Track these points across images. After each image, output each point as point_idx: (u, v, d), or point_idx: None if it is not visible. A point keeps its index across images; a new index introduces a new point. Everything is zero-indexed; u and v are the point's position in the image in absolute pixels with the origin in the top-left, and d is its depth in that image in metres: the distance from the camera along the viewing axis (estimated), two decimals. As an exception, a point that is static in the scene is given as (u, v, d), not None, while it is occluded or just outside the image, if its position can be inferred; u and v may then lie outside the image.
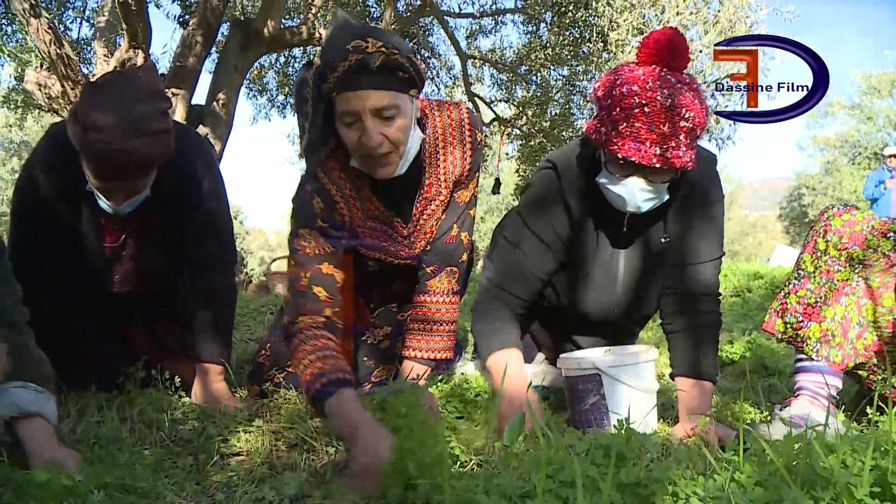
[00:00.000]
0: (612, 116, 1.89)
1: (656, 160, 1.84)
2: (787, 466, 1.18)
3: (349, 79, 1.76)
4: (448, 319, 2.25)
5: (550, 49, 10.19)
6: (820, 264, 2.05)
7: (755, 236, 50.55)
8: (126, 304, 2.35)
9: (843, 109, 31.31)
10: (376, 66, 1.75)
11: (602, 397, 2.00)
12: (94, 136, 1.81)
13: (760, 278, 7.50)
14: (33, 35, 6.93)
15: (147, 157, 1.92)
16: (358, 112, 1.79)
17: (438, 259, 2.22)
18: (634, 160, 1.85)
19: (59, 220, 2.13)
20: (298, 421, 1.84)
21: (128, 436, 1.75)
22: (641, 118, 1.83)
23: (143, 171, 1.98)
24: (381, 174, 1.93)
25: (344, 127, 1.84)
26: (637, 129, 1.84)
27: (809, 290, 2.05)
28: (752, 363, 3.11)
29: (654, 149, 1.83)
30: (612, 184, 1.97)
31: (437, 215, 2.17)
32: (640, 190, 1.94)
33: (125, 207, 2.06)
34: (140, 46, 7.00)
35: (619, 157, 1.87)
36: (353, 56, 1.74)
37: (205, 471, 1.58)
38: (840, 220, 2.03)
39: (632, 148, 1.84)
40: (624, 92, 1.86)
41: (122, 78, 1.97)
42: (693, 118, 1.83)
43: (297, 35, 8.98)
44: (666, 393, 2.44)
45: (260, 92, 12.74)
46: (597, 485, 1.16)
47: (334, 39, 1.82)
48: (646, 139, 1.83)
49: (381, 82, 1.79)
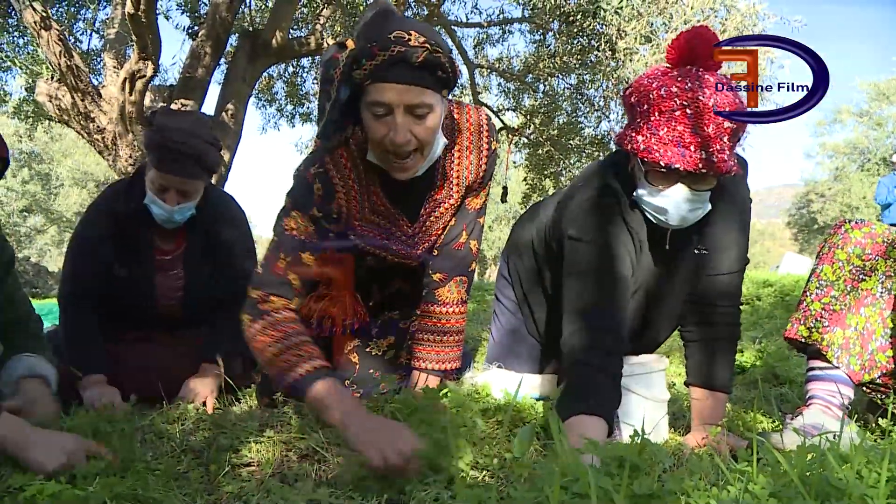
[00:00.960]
0: (650, 122, 1.78)
1: (702, 165, 1.72)
2: (801, 478, 1.17)
3: (388, 69, 1.71)
4: (457, 330, 2.24)
5: (558, 58, 10.17)
6: (843, 273, 2.04)
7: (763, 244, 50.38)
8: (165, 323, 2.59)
9: (851, 116, 31.22)
10: (418, 62, 1.71)
11: None
12: (167, 133, 2.30)
13: (770, 286, 7.47)
14: (44, 47, 6.98)
15: (203, 155, 2.35)
16: (391, 105, 1.75)
17: (448, 267, 2.20)
18: (679, 167, 1.73)
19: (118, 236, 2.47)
20: (309, 431, 1.84)
21: (139, 446, 1.75)
22: (683, 120, 1.72)
23: (197, 167, 2.36)
24: (399, 174, 1.89)
25: (372, 118, 1.79)
26: (680, 133, 1.73)
27: (834, 298, 2.04)
28: (763, 372, 3.09)
29: (699, 153, 1.72)
30: (652, 196, 1.85)
31: (446, 218, 2.15)
32: (684, 200, 1.82)
33: (176, 214, 2.40)
34: (150, 58, 7.03)
35: (661, 165, 1.75)
36: (395, 47, 1.69)
37: (216, 482, 1.58)
38: (860, 233, 2.03)
39: (675, 154, 1.73)
40: (663, 94, 1.74)
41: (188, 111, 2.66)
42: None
43: (305, 45, 9.01)
44: (677, 402, 2.43)
45: (269, 102, 12.78)
46: (610, 496, 1.15)
47: (375, 25, 1.77)
48: (689, 143, 1.72)
49: (420, 78, 1.74)
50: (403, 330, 2.39)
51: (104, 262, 2.46)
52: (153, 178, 2.39)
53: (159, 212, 2.41)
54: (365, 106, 1.79)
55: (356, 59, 1.74)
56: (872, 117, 30.36)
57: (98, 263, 2.46)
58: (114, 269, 2.47)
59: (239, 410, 2.20)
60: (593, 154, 11.40)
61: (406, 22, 1.79)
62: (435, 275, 2.22)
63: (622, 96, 1.92)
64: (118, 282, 2.48)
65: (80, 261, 2.49)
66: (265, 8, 10.34)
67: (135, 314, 2.54)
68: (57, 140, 27.01)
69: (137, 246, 2.50)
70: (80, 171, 28.49)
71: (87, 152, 26.38)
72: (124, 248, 2.47)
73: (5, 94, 9.60)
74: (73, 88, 7.38)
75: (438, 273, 2.22)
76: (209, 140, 2.39)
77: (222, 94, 8.58)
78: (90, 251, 2.48)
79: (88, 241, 2.50)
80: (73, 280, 2.50)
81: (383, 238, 2.11)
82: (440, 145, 1.93)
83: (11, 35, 8.33)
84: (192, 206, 2.45)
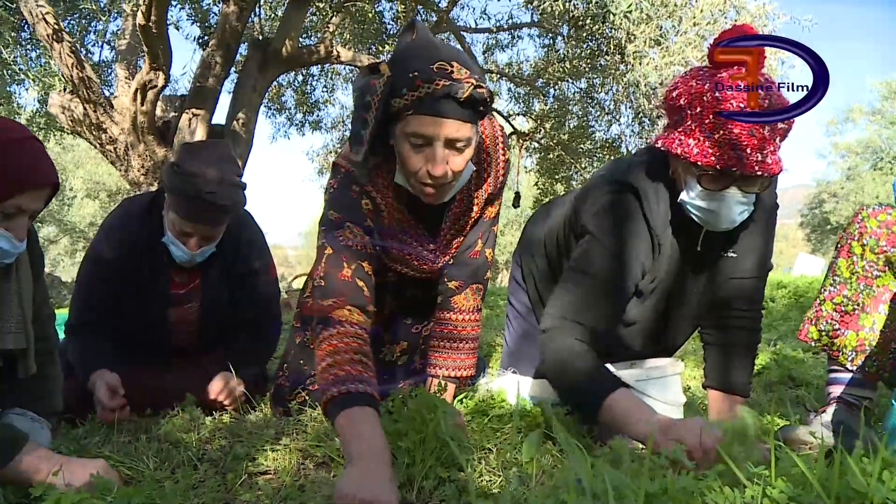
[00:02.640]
0: (703, 125, 1.74)
1: (758, 167, 1.69)
2: (821, 482, 1.16)
3: (431, 103, 1.69)
4: (473, 337, 2.24)
5: (567, 62, 10.18)
6: (857, 269, 2.01)
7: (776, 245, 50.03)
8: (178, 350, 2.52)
9: (863, 115, 31.07)
10: (463, 98, 1.69)
11: None
12: (197, 183, 2.17)
13: (783, 288, 7.43)
14: (56, 59, 7.05)
15: (231, 203, 2.25)
16: (431, 138, 1.73)
17: (464, 275, 2.20)
18: (736, 170, 1.70)
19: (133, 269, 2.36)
20: (325, 439, 1.84)
21: (155, 456, 1.76)
22: (739, 124, 1.68)
23: (224, 215, 2.28)
24: (430, 199, 1.88)
25: (409, 147, 1.77)
26: (737, 136, 1.68)
27: (846, 297, 2.02)
28: (779, 374, 3.07)
29: (756, 155, 1.69)
30: (703, 200, 1.82)
31: (465, 231, 2.16)
32: (736, 203, 1.80)
33: (197, 256, 2.33)
34: (160, 68, 7.09)
35: (717, 168, 1.72)
36: (439, 80, 1.67)
37: (233, 490, 1.58)
38: (876, 222, 1.99)
39: (732, 157, 1.69)
40: (718, 97, 1.71)
41: (210, 144, 2.42)
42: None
43: (314, 53, 9.05)
44: (693, 406, 2.41)
45: (279, 111, 12.85)
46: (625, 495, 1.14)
47: (414, 53, 1.74)
48: (746, 145, 1.68)
49: (463, 114, 1.73)
50: (416, 335, 2.39)
51: (115, 293, 2.37)
52: (176, 223, 2.29)
53: (180, 254, 2.33)
54: (402, 135, 1.77)
55: (395, 88, 1.72)
56: (885, 116, 30.20)
57: (109, 293, 2.37)
58: (124, 301, 2.38)
59: (255, 419, 2.21)
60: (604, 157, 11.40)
61: (444, 49, 1.76)
62: (451, 283, 2.22)
63: (664, 97, 1.88)
64: (130, 316, 2.40)
65: (91, 289, 2.41)
66: (275, 17, 10.39)
67: (146, 345, 2.46)
68: (69, 151, 27.18)
69: (152, 281, 2.40)
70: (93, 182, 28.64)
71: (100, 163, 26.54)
72: (137, 282, 2.37)
73: (18, 106, 9.68)
74: (86, 100, 7.45)
75: (454, 281, 2.22)
76: (237, 183, 2.29)
77: (233, 104, 8.63)
78: (102, 279, 2.38)
79: (100, 270, 2.39)
80: (81, 307, 2.42)
81: (407, 255, 2.12)
82: (470, 171, 1.92)
83: (24, 48, 8.41)
84: (213, 247, 2.39)
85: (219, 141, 2.63)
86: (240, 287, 2.51)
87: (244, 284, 2.51)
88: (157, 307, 2.41)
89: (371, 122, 1.75)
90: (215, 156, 2.28)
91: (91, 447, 1.81)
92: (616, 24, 7.37)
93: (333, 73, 12.53)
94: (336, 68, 12.22)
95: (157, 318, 2.42)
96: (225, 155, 2.33)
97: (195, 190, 2.18)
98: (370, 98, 1.73)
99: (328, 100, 13.04)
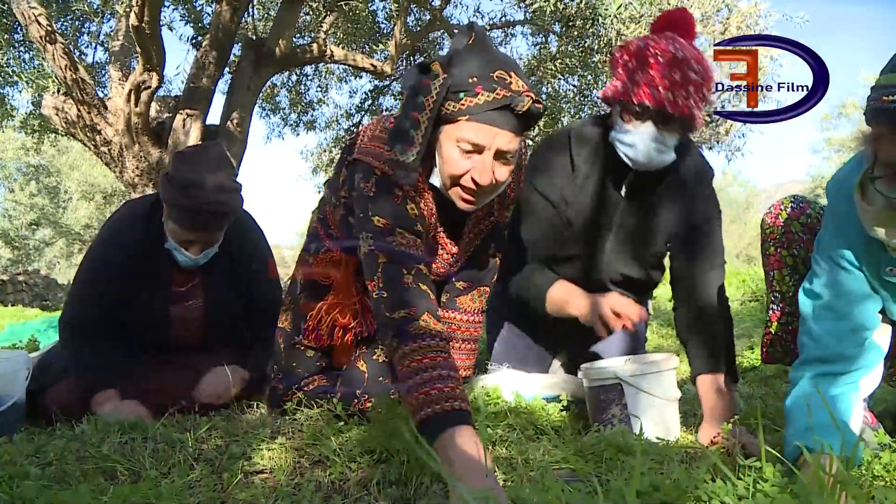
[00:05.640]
0: (629, 69, 2.10)
1: (669, 105, 2.03)
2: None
3: (490, 112, 1.69)
4: (474, 338, 2.25)
5: (560, 60, 10.19)
6: (793, 281, 1.97)
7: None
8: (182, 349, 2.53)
9: (857, 110, 31.08)
10: (522, 112, 1.70)
11: (624, 407, 2.00)
12: (194, 195, 2.20)
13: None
14: (50, 60, 7.04)
15: (230, 210, 2.31)
16: (483, 147, 1.72)
17: (473, 277, 2.20)
18: (649, 104, 2.04)
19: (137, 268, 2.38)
20: (321, 438, 1.85)
21: (152, 456, 1.76)
22: (656, 66, 2.04)
23: (225, 221, 2.34)
24: (465, 206, 1.86)
25: (458, 152, 1.75)
26: (651, 77, 2.04)
27: (790, 315, 1.98)
28: (774, 368, 3.08)
29: (668, 94, 2.03)
30: (624, 134, 2.14)
31: (483, 235, 2.16)
32: (651, 139, 2.10)
33: (201, 259, 2.39)
34: (154, 69, 7.08)
35: (635, 102, 2.06)
36: (501, 90, 1.68)
37: (229, 490, 1.59)
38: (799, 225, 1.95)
39: (647, 93, 2.04)
40: (640, 45, 2.09)
41: (203, 149, 2.43)
42: (701, 72, 2.05)
43: (308, 53, 9.04)
44: (689, 401, 2.43)
45: (273, 111, 12.81)
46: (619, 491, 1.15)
47: (474, 57, 1.73)
48: (658, 85, 2.03)
49: (517, 127, 1.73)
50: None
51: (116, 294, 2.37)
52: (176, 232, 2.32)
53: (184, 259, 2.37)
54: (451, 138, 1.76)
55: (452, 91, 1.71)
56: (878, 111, 30.19)
57: (111, 292, 2.37)
58: (126, 299, 2.39)
59: (251, 418, 2.21)
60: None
61: (502, 59, 1.76)
62: (458, 283, 2.22)
63: (611, 58, 2.24)
64: (131, 313, 2.41)
65: (91, 287, 2.42)
66: (268, 17, 10.38)
67: (150, 343, 2.47)
68: (64, 153, 27.09)
69: (153, 279, 2.41)
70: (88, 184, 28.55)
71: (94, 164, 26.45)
72: (139, 280, 2.38)
73: (12, 108, 9.64)
74: (79, 101, 7.43)
75: (462, 282, 2.22)
76: (234, 187, 2.32)
77: (227, 104, 8.62)
78: (103, 282, 2.38)
79: (102, 271, 2.40)
80: (81, 305, 2.41)
81: (430, 260, 2.07)
82: (506, 183, 1.90)
83: (17, 50, 8.38)
84: (215, 248, 2.42)
85: (211, 144, 2.67)
86: (244, 282, 2.52)
87: (248, 278, 2.52)
88: (158, 305, 2.42)
89: (424, 123, 1.73)
90: (210, 162, 2.28)
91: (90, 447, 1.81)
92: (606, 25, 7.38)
93: (327, 73, 12.52)
94: (330, 68, 12.21)
95: (158, 316, 2.43)
96: (219, 159, 2.33)
97: (194, 203, 2.20)
98: (424, 98, 1.72)
99: (322, 99, 13.02)
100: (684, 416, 2.23)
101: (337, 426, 1.92)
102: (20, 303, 14.38)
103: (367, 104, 12.69)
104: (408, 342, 1.64)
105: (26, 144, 19.65)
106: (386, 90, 12.55)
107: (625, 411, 1.99)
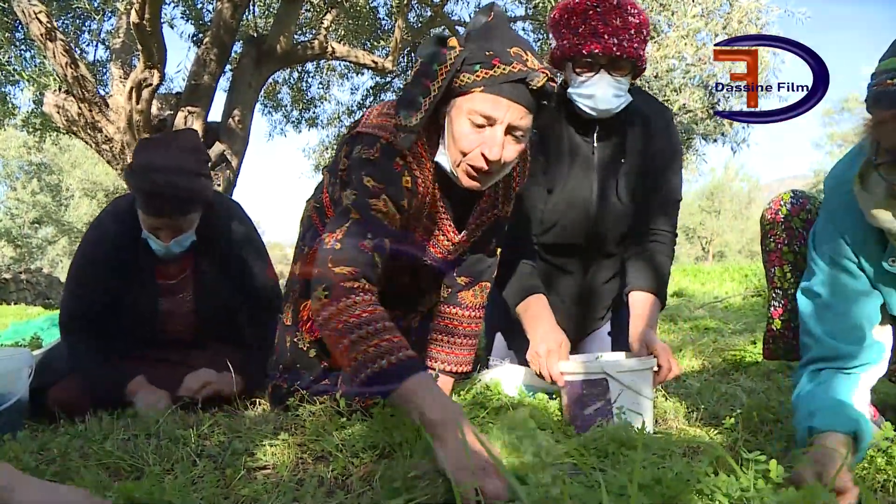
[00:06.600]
0: (571, 25, 2.21)
1: (616, 49, 2.16)
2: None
3: (504, 84, 1.70)
4: (474, 334, 2.24)
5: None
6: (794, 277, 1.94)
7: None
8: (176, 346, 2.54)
9: (859, 104, 31.04)
10: (537, 87, 1.71)
11: (608, 402, 1.97)
12: (149, 175, 2.19)
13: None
14: (51, 58, 7.04)
15: (192, 193, 2.26)
16: (495, 120, 1.73)
17: (475, 272, 2.20)
18: (598, 51, 2.16)
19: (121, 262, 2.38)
20: (323, 433, 1.85)
21: (155, 452, 1.76)
22: (596, 17, 2.17)
23: (185, 206, 2.29)
24: (468, 184, 1.85)
25: (468, 125, 1.76)
26: (594, 27, 2.16)
27: (791, 312, 1.95)
28: (776, 363, 3.07)
29: (612, 39, 2.15)
30: (580, 87, 2.24)
31: (485, 227, 2.15)
32: (607, 85, 2.22)
33: (173, 246, 2.35)
34: (155, 66, 7.08)
35: (585, 53, 2.18)
36: (517, 64, 1.70)
37: (232, 486, 1.59)
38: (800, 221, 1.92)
39: (594, 43, 2.16)
40: (577, 1, 2.21)
41: (167, 136, 2.46)
42: (638, 14, 2.20)
43: (309, 49, 9.04)
44: (691, 396, 2.43)
45: (274, 108, 12.82)
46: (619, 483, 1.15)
47: (492, 34, 1.76)
48: (603, 32, 2.16)
49: (530, 103, 1.74)
50: (405, 328, 2.37)
51: (104, 289, 2.38)
52: (143, 219, 2.33)
53: (156, 247, 2.36)
54: (462, 111, 1.76)
55: (469, 63, 1.73)
56: (880, 105, 30.16)
57: (98, 290, 2.38)
58: (115, 295, 2.39)
59: (253, 414, 2.21)
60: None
61: (520, 39, 1.79)
62: (460, 278, 2.22)
63: (548, 24, 2.38)
64: (121, 309, 2.41)
65: (80, 287, 2.42)
66: (269, 14, 10.37)
67: (142, 339, 2.48)
68: (65, 151, 27.14)
69: (138, 272, 2.41)
70: (90, 182, 28.60)
71: (96, 162, 26.51)
72: (125, 275, 2.39)
73: (13, 106, 9.65)
74: (81, 99, 7.43)
75: (464, 277, 2.21)
76: (195, 170, 2.28)
77: (229, 101, 8.63)
78: (90, 278, 2.40)
79: (88, 266, 2.41)
80: (72, 303, 2.43)
81: (425, 242, 2.05)
82: (511, 166, 1.90)
83: (18, 49, 8.38)
84: (189, 236, 2.39)
85: (180, 131, 2.70)
86: (235, 273, 2.50)
87: (240, 270, 2.51)
88: (146, 298, 2.42)
89: (434, 91, 1.74)
90: (170, 146, 2.28)
91: (93, 443, 1.81)
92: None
93: (329, 70, 12.52)
94: (331, 65, 12.21)
95: (147, 309, 2.43)
96: (183, 144, 2.32)
97: (148, 184, 2.20)
98: (438, 67, 1.73)
99: (324, 96, 13.02)
100: (686, 413, 2.23)
101: (339, 422, 1.92)
102: (23, 301, 14.41)
103: (369, 101, 12.69)
104: (341, 298, 1.61)
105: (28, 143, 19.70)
106: (388, 86, 12.55)
107: (608, 406, 1.97)
